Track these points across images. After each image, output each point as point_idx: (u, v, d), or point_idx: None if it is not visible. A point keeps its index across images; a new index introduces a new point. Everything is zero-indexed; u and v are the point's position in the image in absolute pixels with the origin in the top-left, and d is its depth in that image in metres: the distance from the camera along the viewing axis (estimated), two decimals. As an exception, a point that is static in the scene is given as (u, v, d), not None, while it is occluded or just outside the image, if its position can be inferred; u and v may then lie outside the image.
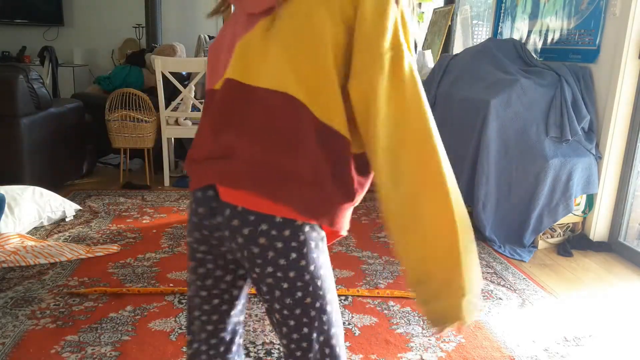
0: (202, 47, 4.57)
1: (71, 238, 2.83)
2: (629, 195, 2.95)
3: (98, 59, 6.11)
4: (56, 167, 3.50)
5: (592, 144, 2.96)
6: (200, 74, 3.81)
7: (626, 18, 2.79)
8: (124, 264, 2.52)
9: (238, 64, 0.89)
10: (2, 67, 3.62)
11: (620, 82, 2.85)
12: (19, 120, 3.10)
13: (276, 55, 0.85)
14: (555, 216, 2.91)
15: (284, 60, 0.84)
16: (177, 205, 3.45)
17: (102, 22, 6.00)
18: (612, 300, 2.39)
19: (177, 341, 1.89)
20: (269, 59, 0.86)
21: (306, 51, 0.84)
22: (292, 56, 0.84)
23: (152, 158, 4.10)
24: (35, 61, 5.52)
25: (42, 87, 3.29)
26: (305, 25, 0.83)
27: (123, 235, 2.89)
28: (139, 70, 4.65)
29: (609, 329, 2.12)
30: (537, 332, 2.06)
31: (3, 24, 5.88)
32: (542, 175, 2.85)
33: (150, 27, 5.66)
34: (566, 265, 2.77)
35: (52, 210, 3.01)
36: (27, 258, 2.47)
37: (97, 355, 1.79)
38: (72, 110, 3.74)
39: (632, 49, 2.81)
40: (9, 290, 2.22)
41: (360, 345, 1.90)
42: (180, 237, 2.90)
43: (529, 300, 2.33)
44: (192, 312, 1.04)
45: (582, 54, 3.14)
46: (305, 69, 0.84)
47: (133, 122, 3.76)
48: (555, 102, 2.94)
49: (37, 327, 1.95)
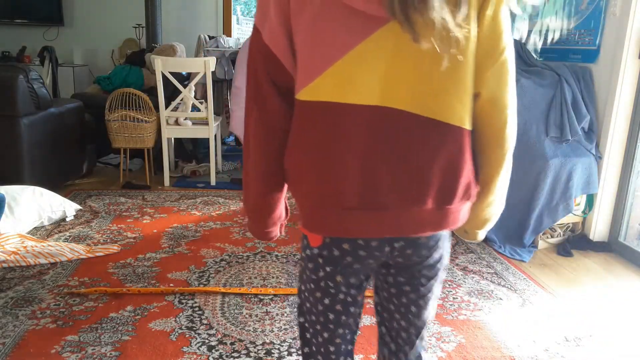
0: (202, 47, 4.57)
1: (71, 238, 2.83)
2: (629, 195, 2.95)
3: (98, 59, 6.10)
4: (56, 167, 3.50)
5: (592, 144, 2.96)
6: (200, 74, 3.81)
7: (626, 18, 2.79)
8: (124, 264, 2.52)
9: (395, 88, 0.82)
10: (2, 67, 3.62)
11: (620, 82, 2.85)
12: (19, 120, 3.10)
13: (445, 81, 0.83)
14: (555, 216, 2.91)
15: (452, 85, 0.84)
16: (177, 205, 3.45)
17: (102, 22, 6.00)
18: (612, 300, 2.39)
19: (177, 341, 1.89)
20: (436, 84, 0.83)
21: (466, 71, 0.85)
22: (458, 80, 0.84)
23: (152, 158, 4.10)
24: (35, 61, 5.52)
25: (42, 87, 3.29)
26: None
27: (123, 235, 2.89)
28: (139, 70, 4.65)
29: (609, 329, 2.12)
30: (537, 332, 2.06)
31: (3, 24, 5.88)
32: (542, 175, 2.85)
33: (150, 27, 5.66)
34: (566, 265, 2.77)
35: (53, 210, 3.01)
36: (27, 258, 2.47)
37: (97, 355, 1.79)
38: (72, 110, 3.74)
39: (632, 49, 2.81)
40: (9, 290, 2.22)
41: (361, 345, 1.90)
42: (181, 237, 2.90)
43: (529, 300, 2.33)
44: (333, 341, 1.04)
45: (582, 54, 3.14)
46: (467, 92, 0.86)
47: (133, 122, 3.76)
48: (555, 102, 2.94)
49: (38, 327, 1.95)
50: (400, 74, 0.81)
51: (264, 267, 2.55)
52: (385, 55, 0.80)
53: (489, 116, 0.90)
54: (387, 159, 0.84)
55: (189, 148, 4.39)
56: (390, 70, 0.81)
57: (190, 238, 2.89)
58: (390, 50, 0.80)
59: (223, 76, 4.45)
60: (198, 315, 2.07)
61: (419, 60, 0.81)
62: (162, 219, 3.17)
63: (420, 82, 0.82)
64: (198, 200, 3.57)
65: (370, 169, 0.85)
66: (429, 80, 0.82)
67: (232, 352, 1.84)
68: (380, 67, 0.81)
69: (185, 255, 2.66)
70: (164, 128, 3.81)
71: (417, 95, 0.82)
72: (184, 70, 4.27)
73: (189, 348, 1.85)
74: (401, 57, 0.81)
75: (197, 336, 1.92)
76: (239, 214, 3.29)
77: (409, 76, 0.82)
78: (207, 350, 1.84)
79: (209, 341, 1.90)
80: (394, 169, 0.85)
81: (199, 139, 4.30)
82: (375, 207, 0.87)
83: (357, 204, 0.86)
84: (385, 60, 0.81)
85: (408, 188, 0.86)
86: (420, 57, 0.80)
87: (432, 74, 0.82)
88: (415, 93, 0.82)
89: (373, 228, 0.89)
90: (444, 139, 0.85)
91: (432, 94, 0.83)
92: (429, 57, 0.80)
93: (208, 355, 1.81)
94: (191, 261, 2.58)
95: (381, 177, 0.85)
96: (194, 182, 4.02)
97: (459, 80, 0.83)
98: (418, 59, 0.81)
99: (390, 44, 0.80)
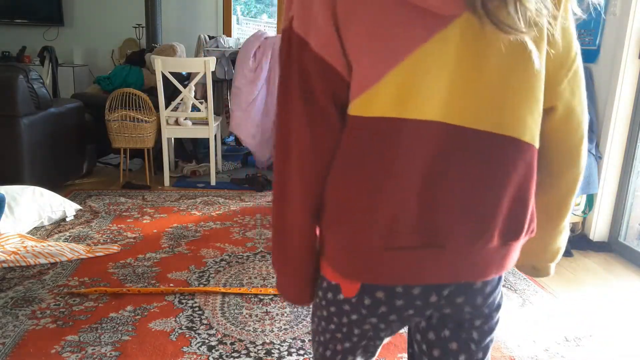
0: (202, 47, 4.57)
1: (71, 238, 2.83)
2: (629, 195, 2.95)
3: (98, 59, 6.10)
4: (56, 167, 3.50)
5: (592, 144, 2.96)
6: (200, 74, 3.81)
7: (626, 18, 2.79)
8: (124, 264, 2.52)
9: (461, 99, 0.70)
10: (2, 67, 3.62)
11: (620, 82, 2.85)
12: (19, 120, 3.10)
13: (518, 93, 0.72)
14: (555, 216, 2.91)
15: (524, 95, 0.73)
16: (177, 205, 3.45)
17: (102, 22, 6.00)
18: (612, 300, 2.39)
19: (177, 341, 1.89)
20: (507, 93, 0.72)
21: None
22: (530, 89, 0.74)
23: (152, 158, 4.10)
24: (35, 61, 5.52)
25: (42, 87, 3.29)
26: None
27: (123, 235, 2.89)
28: (139, 70, 4.65)
29: (609, 329, 2.12)
30: (537, 332, 2.06)
31: (3, 24, 5.88)
32: (542, 175, 2.84)
33: (150, 27, 5.66)
34: (566, 265, 2.77)
35: (53, 210, 3.01)
36: (27, 258, 2.47)
37: (97, 355, 1.79)
38: (72, 110, 3.74)
39: (632, 49, 2.81)
40: (9, 290, 2.22)
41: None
42: (181, 237, 2.90)
43: (529, 300, 2.33)
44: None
45: (582, 54, 3.12)
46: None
47: (133, 122, 3.76)
48: (555, 102, 2.94)
49: (38, 327, 1.95)
50: (467, 82, 0.69)
51: (264, 267, 2.55)
52: (450, 60, 0.68)
53: (564, 132, 0.80)
54: (452, 187, 0.71)
55: (189, 148, 4.39)
56: (456, 78, 0.68)
57: (190, 238, 2.89)
58: (455, 55, 0.68)
59: (223, 76, 4.45)
60: (198, 315, 2.07)
61: (489, 64, 0.69)
62: (162, 219, 3.17)
63: (490, 92, 0.70)
64: (198, 200, 3.57)
65: (430, 199, 0.71)
66: (500, 88, 0.70)
67: (232, 352, 1.84)
68: (444, 74, 0.68)
69: (185, 255, 2.66)
70: (164, 128, 3.81)
71: (485, 107, 0.70)
72: (184, 70, 4.27)
73: (189, 348, 1.85)
74: (468, 62, 0.68)
75: (197, 336, 1.92)
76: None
77: (478, 85, 0.69)
78: (207, 350, 1.84)
79: (209, 341, 1.90)
80: (459, 198, 0.72)
81: (199, 139, 4.30)
82: (431, 243, 0.72)
83: (410, 241, 0.72)
84: (452, 65, 0.68)
85: (473, 220, 0.72)
86: (490, 60, 0.69)
87: (503, 82, 0.70)
88: (484, 105, 0.70)
89: (429, 272, 0.74)
90: (515, 159, 0.72)
91: (502, 105, 0.71)
92: (500, 60, 0.69)
93: (208, 355, 1.81)
94: (191, 261, 2.58)
95: (443, 209, 0.72)
96: (194, 182, 4.02)
97: (530, 90, 0.71)
98: (488, 64, 0.69)
99: (454, 46, 0.67)
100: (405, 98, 0.68)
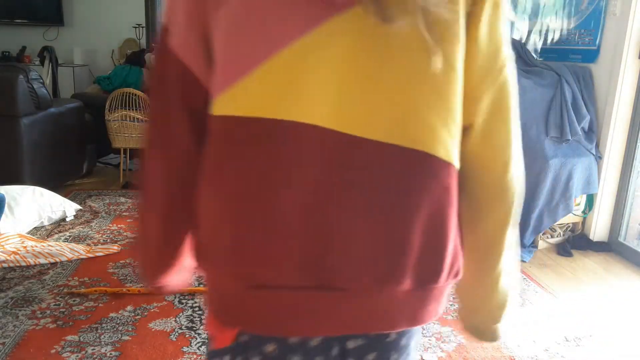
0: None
1: (71, 238, 2.83)
2: (629, 195, 2.95)
3: (98, 59, 6.10)
4: (56, 167, 3.50)
5: (592, 144, 2.96)
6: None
7: (626, 18, 2.79)
8: (124, 264, 2.52)
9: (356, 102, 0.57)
10: (2, 67, 3.62)
11: (620, 82, 2.85)
12: (19, 120, 3.10)
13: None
14: (555, 216, 2.91)
15: (433, 102, 0.60)
16: (177, 205, 3.45)
17: (102, 22, 6.00)
18: (612, 300, 2.39)
19: (177, 341, 1.89)
20: (414, 97, 0.59)
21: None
22: (441, 94, 0.62)
23: (152, 158, 4.09)
24: (35, 61, 5.52)
25: (42, 87, 3.29)
26: None
27: (123, 235, 2.89)
28: (139, 70, 4.65)
29: (609, 329, 2.12)
30: (537, 332, 2.06)
31: (3, 24, 5.88)
32: (542, 175, 2.84)
33: (150, 27, 5.66)
34: (566, 265, 2.77)
35: (53, 210, 3.01)
36: (27, 258, 2.47)
37: (97, 355, 1.79)
38: (72, 110, 3.73)
39: (632, 49, 2.81)
40: (9, 290, 2.22)
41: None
42: (181, 237, 2.90)
43: (529, 300, 2.33)
44: None
45: (582, 54, 3.14)
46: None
47: (133, 122, 3.76)
48: (555, 102, 2.94)
49: (38, 327, 1.95)
50: (363, 84, 0.57)
51: (264, 267, 2.54)
52: (343, 55, 0.56)
53: (483, 158, 0.67)
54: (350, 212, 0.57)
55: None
56: (349, 77, 0.56)
57: (190, 238, 2.88)
58: (349, 48, 0.56)
59: (223, 76, 4.45)
60: (198, 315, 2.07)
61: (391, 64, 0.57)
62: (162, 219, 3.17)
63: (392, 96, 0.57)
64: (198, 200, 3.57)
65: (319, 225, 0.57)
66: (404, 92, 0.58)
67: (232, 352, 1.84)
68: (331, 72, 0.56)
69: (185, 255, 2.66)
70: (164, 128, 3.81)
71: (387, 114, 0.57)
72: (184, 70, 4.27)
73: (189, 348, 1.85)
74: (365, 58, 0.56)
75: (197, 336, 1.92)
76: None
77: (377, 87, 0.57)
78: (207, 350, 1.84)
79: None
80: (356, 227, 0.57)
81: (199, 139, 4.30)
82: (325, 285, 0.58)
83: (297, 280, 0.58)
84: (343, 61, 0.56)
85: (376, 257, 0.58)
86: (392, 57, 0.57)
87: (408, 85, 0.58)
88: (385, 111, 0.57)
89: (322, 321, 0.60)
90: (426, 178, 0.59)
91: (407, 113, 0.58)
92: (405, 61, 0.57)
93: (208, 355, 1.81)
94: (191, 261, 2.58)
95: (336, 239, 0.57)
96: (194, 182, 4.01)
97: (440, 96, 0.59)
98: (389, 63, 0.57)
99: (345, 41, 0.56)
100: (282, 96, 0.56)
